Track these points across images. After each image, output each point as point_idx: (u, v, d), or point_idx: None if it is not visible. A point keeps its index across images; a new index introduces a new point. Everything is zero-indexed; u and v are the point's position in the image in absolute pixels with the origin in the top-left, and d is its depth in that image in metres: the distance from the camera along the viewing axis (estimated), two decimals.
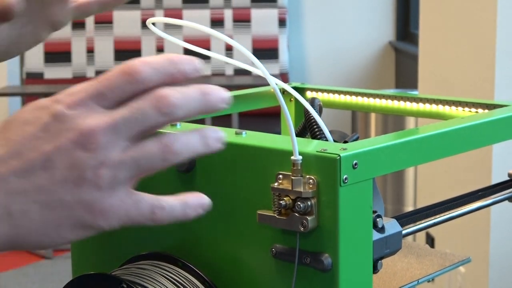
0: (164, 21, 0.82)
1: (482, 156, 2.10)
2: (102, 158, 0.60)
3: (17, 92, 4.68)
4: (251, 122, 3.85)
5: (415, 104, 1.10)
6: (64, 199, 0.60)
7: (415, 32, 4.85)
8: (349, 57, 5.28)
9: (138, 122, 0.61)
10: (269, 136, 0.81)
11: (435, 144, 0.85)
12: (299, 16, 5.33)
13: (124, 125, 0.61)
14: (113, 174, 0.60)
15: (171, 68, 0.63)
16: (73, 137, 0.60)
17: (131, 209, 0.62)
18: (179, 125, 0.87)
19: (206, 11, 5.15)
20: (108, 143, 0.60)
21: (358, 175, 0.74)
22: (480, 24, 2.17)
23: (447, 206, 0.94)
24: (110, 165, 0.60)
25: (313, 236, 0.74)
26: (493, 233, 2.12)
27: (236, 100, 1.14)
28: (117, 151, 0.61)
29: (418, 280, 0.92)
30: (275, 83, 0.77)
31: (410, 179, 3.47)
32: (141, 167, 0.61)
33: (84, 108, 0.61)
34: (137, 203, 0.62)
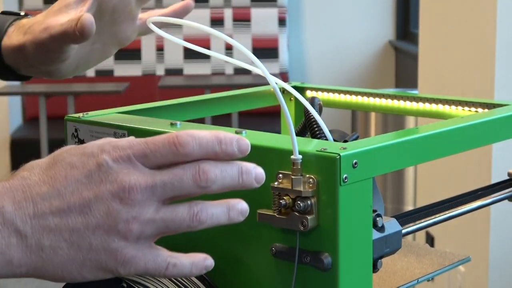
0: (165, 20, 0.82)
1: (482, 155, 2.10)
2: (135, 213, 0.65)
3: (17, 91, 4.68)
4: (251, 121, 3.85)
5: (415, 103, 1.10)
6: (92, 243, 0.65)
7: (415, 32, 4.85)
8: (349, 56, 5.28)
9: (174, 188, 0.66)
10: (269, 136, 0.81)
11: (435, 144, 0.85)
12: (299, 16, 5.33)
13: (161, 188, 0.66)
14: (142, 229, 0.66)
15: (216, 148, 0.68)
16: (113, 189, 0.65)
17: (149, 262, 0.67)
18: (180, 124, 0.87)
19: (206, 11, 5.15)
20: (143, 201, 0.65)
21: (358, 174, 0.74)
22: (480, 24, 2.17)
23: (446, 206, 0.94)
24: (141, 221, 0.66)
25: (313, 235, 0.74)
26: (493, 232, 2.12)
27: (236, 99, 1.15)
28: (150, 209, 0.66)
29: (418, 279, 0.92)
30: (275, 82, 0.77)
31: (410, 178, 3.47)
32: (168, 227, 0.67)
33: (128, 164, 0.66)
34: (155, 258, 0.67)
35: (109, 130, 0.89)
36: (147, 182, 0.66)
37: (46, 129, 4.19)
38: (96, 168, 0.66)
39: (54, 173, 0.66)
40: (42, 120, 4.20)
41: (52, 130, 4.26)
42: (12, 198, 0.66)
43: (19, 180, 0.67)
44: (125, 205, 0.65)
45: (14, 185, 0.66)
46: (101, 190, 0.65)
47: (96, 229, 0.65)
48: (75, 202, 0.65)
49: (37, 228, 0.65)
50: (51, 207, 0.65)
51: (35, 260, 0.65)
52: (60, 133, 1.07)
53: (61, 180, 0.66)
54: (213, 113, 1.12)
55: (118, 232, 0.65)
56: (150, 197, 0.66)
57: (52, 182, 0.66)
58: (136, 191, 0.65)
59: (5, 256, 0.65)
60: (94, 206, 0.65)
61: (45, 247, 0.65)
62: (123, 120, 0.91)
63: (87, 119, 0.92)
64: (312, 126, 0.88)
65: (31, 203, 0.65)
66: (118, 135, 0.89)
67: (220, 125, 0.88)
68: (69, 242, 0.65)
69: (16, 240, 0.65)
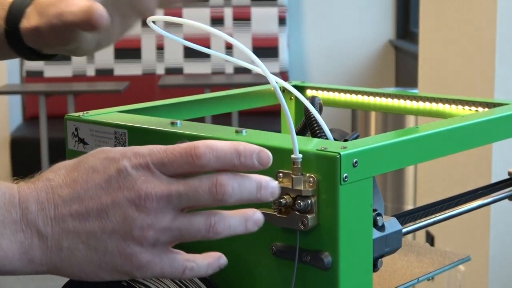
0: (165, 19, 0.82)
1: (482, 154, 2.10)
2: (150, 221, 0.67)
3: (17, 90, 4.68)
4: (251, 120, 3.85)
5: (415, 102, 1.10)
6: (108, 246, 0.67)
7: (415, 31, 4.85)
8: (349, 55, 5.28)
9: (190, 199, 0.68)
10: (269, 135, 0.81)
11: (435, 143, 0.85)
12: (299, 15, 5.33)
13: (177, 198, 0.67)
14: (157, 236, 0.67)
15: (235, 160, 0.68)
16: (130, 196, 0.67)
17: (166, 267, 0.68)
18: (179, 123, 0.87)
19: (206, 10, 5.15)
20: (159, 209, 0.67)
21: (358, 174, 0.74)
22: (480, 23, 2.17)
23: (447, 205, 0.94)
24: (156, 229, 0.67)
25: (313, 234, 0.74)
26: (493, 231, 2.12)
27: (236, 98, 1.15)
28: (165, 218, 0.67)
29: (418, 278, 0.92)
30: (275, 81, 0.77)
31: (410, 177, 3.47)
32: (183, 236, 0.68)
33: (147, 172, 0.67)
34: (172, 262, 0.69)
35: (109, 129, 0.89)
36: (162, 191, 0.67)
37: (46, 128, 4.19)
38: (115, 174, 0.68)
39: (77, 176, 0.68)
40: (42, 119, 4.20)
41: (52, 129, 4.26)
42: (36, 199, 0.68)
43: (44, 182, 0.69)
44: (140, 212, 0.67)
45: (39, 186, 0.68)
46: (118, 196, 0.67)
47: (112, 233, 0.67)
48: (93, 207, 0.67)
49: (57, 230, 0.67)
50: (71, 210, 0.67)
51: (54, 259, 0.68)
52: (60, 132, 1.07)
53: (82, 183, 0.68)
54: (213, 112, 1.12)
55: (133, 238, 0.67)
56: (165, 206, 0.67)
57: (74, 185, 0.68)
58: (151, 199, 0.67)
59: (27, 255, 0.67)
60: (111, 212, 0.67)
61: (63, 248, 0.67)
62: (123, 119, 0.91)
63: (87, 118, 0.92)
64: (313, 125, 0.88)
65: (53, 205, 0.68)
66: (118, 134, 0.89)
67: (220, 124, 0.88)
68: (86, 244, 0.67)
69: (38, 241, 0.67)
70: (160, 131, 0.86)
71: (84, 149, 0.92)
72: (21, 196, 0.68)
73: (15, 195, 0.68)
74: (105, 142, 0.90)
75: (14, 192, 0.68)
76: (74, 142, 0.93)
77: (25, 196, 0.68)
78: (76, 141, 0.92)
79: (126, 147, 0.71)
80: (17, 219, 0.67)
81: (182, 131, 0.84)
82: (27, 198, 0.68)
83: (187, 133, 0.83)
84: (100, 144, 0.90)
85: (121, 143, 0.88)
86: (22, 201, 0.68)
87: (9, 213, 0.67)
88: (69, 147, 0.93)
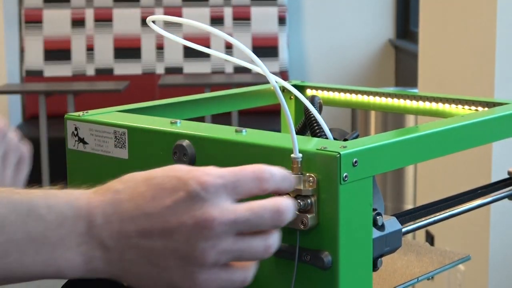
0: (164, 19, 0.82)
1: (482, 154, 2.10)
2: (213, 243, 0.68)
3: (16, 90, 4.68)
4: (251, 120, 3.85)
5: (415, 102, 1.10)
6: (169, 264, 0.69)
7: (415, 30, 4.84)
8: (349, 55, 5.28)
9: (253, 225, 0.69)
10: (269, 134, 0.81)
11: (435, 142, 0.85)
12: (299, 14, 5.33)
13: (242, 224, 0.69)
14: (217, 258, 0.69)
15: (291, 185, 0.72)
16: (197, 219, 0.68)
17: (224, 283, 0.70)
18: (179, 123, 0.87)
19: (206, 9, 5.15)
20: (222, 234, 0.68)
21: (358, 173, 0.74)
22: (480, 22, 2.17)
23: (446, 204, 0.94)
24: (218, 251, 0.68)
25: (313, 234, 0.74)
26: (493, 231, 2.12)
27: (236, 98, 1.15)
28: (227, 241, 0.68)
29: (417, 278, 0.92)
30: (275, 81, 0.77)
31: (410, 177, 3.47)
32: (242, 257, 0.70)
33: (216, 195, 0.68)
34: (230, 277, 0.70)
35: (109, 128, 0.89)
36: (228, 217, 0.68)
37: (46, 127, 4.19)
38: (184, 196, 0.68)
39: (144, 191, 0.69)
40: (42, 119, 4.19)
41: (52, 128, 4.26)
42: (103, 212, 0.69)
43: (113, 194, 0.70)
44: (204, 235, 0.68)
45: (107, 198, 0.69)
46: (184, 219, 0.68)
47: (174, 252, 0.68)
48: (158, 226, 0.68)
49: (121, 244, 0.69)
50: (136, 227, 0.68)
51: (115, 270, 0.70)
52: (60, 132, 1.07)
53: (149, 200, 0.69)
54: (213, 111, 1.12)
55: (195, 258, 0.68)
56: (229, 230, 0.68)
57: (141, 201, 0.69)
58: (217, 224, 0.68)
59: (90, 265, 0.69)
60: (176, 232, 0.68)
61: (125, 260, 0.69)
62: (123, 119, 0.91)
63: (87, 118, 0.92)
64: (312, 125, 0.88)
65: (119, 220, 0.69)
66: (118, 134, 0.89)
67: (220, 123, 0.88)
68: (147, 259, 0.69)
69: (101, 253, 0.69)
70: (160, 130, 0.86)
71: (84, 148, 0.92)
72: (89, 207, 0.69)
73: (82, 207, 0.69)
74: (105, 141, 0.90)
75: (82, 204, 0.69)
76: (74, 142, 0.93)
77: (93, 208, 0.69)
78: (76, 141, 0.92)
79: (195, 167, 0.71)
80: (82, 232, 0.68)
81: (182, 130, 0.84)
82: (95, 211, 0.69)
83: (187, 132, 0.83)
84: (100, 143, 0.90)
85: (121, 142, 0.88)
86: (89, 213, 0.69)
87: (75, 226, 0.68)
88: (69, 146, 0.93)
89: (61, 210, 0.68)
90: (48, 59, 5.10)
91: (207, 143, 0.82)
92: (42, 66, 5.11)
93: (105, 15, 5.15)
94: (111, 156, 0.89)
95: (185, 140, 0.83)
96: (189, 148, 0.82)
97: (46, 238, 0.68)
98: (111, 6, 5.16)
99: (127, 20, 5.15)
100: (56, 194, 0.70)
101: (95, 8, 5.15)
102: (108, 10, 5.15)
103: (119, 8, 5.15)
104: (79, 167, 0.93)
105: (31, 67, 5.11)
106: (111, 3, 5.16)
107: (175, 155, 0.83)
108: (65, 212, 0.68)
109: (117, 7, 5.16)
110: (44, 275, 0.68)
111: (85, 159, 0.91)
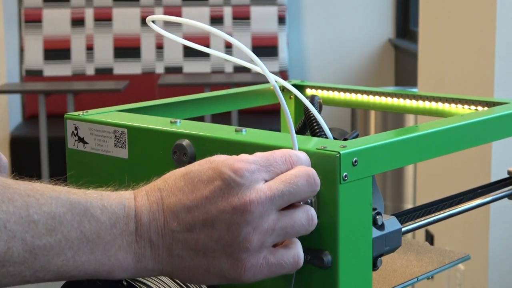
0: (164, 18, 0.82)
1: (482, 153, 2.10)
2: (255, 225, 0.69)
3: (16, 89, 4.67)
4: (250, 119, 3.85)
5: (414, 101, 1.10)
6: (216, 254, 0.70)
7: (414, 30, 4.84)
8: (348, 54, 5.28)
9: (291, 196, 0.70)
10: (269, 134, 0.81)
11: (435, 142, 0.85)
12: (298, 14, 5.33)
13: (280, 198, 0.70)
14: (262, 239, 0.69)
15: None
16: (235, 204, 0.69)
17: (274, 267, 0.71)
18: (179, 122, 0.87)
19: (206, 9, 5.15)
20: (263, 213, 0.69)
21: (358, 173, 0.74)
22: (480, 22, 2.17)
23: (446, 204, 0.94)
24: (261, 232, 0.69)
25: (313, 233, 0.74)
26: (493, 230, 2.12)
27: (235, 97, 1.15)
28: (269, 220, 0.69)
29: (417, 277, 0.92)
30: (274, 80, 0.77)
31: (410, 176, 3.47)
32: (288, 234, 0.71)
33: (250, 179, 0.69)
34: (280, 260, 0.71)
35: (109, 128, 0.89)
36: (266, 194, 0.69)
37: (45, 127, 4.19)
38: (222, 185, 0.69)
39: (183, 186, 0.71)
40: (41, 118, 4.19)
41: (52, 128, 4.26)
42: (149, 210, 0.71)
43: (156, 192, 0.71)
44: (245, 218, 0.69)
45: (152, 197, 0.71)
46: (223, 205, 0.69)
47: (219, 240, 0.69)
48: (199, 217, 0.70)
49: (167, 240, 0.70)
50: (179, 221, 0.70)
51: (166, 266, 0.71)
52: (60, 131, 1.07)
53: (188, 193, 0.70)
54: (213, 111, 1.12)
55: (239, 243, 0.69)
56: (268, 208, 0.69)
57: (181, 195, 0.70)
58: (256, 205, 0.69)
59: (141, 264, 0.71)
60: (217, 220, 0.69)
61: (174, 255, 0.70)
62: (122, 118, 0.91)
63: (86, 117, 0.92)
64: (312, 124, 0.88)
65: (163, 217, 0.70)
66: (118, 133, 0.89)
67: (220, 123, 0.88)
68: (195, 250, 0.70)
69: (150, 250, 0.70)
70: (160, 130, 0.86)
71: (84, 148, 0.92)
72: (137, 207, 0.71)
73: (132, 207, 0.71)
74: (104, 141, 0.90)
75: (132, 204, 0.71)
76: (74, 141, 0.93)
77: (140, 207, 0.71)
78: (76, 140, 0.92)
79: (230, 156, 0.72)
80: (132, 231, 0.70)
81: (181, 130, 0.84)
82: (142, 210, 0.71)
83: (187, 132, 0.83)
84: (100, 143, 0.90)
85: (121, 142, 0.88)
86: (137, 213, 0.70)
87: (127, 225, 0.70)
88: (68, 146, 0.93)
89: (114, 210, 0.70)
90: (47, 58, 5.10)
91: (207, 143, 0.82)
92: (41, 66, 5.11)
93: (105, 14, 5.15)
94: (111, 155, 0.89)
95: (185, 140, 0.83)
96: (189, 147, 0.82)
97: (100, 238, 0.69)
98: (111, 5, 5.16)
99: (126, 20, 5.15)
100: (109, 195, 0.71)
101: (95, 8, 5.15)
102: (107, 10, 5.15)
103: (118, 7, 5.15)
104: (79, 167, 0.93)
105: (30, 66, 5.11)
106: (110, 3, 5.16)
107: (175, 155, 0.83)
108: (117, 213, 0.70)
109: (116, 7, 5.16)
110: (96, 274, 0.70)
111: (85, 159, 0.91)
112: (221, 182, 0.70)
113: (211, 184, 0.70)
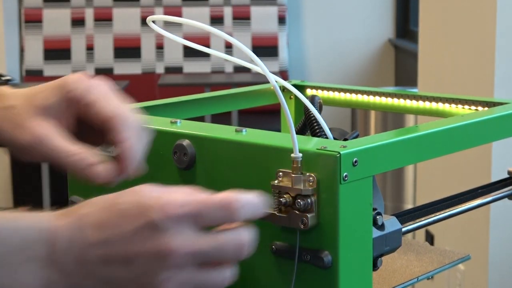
0: (165, 19, 0.82)
1: (482, 153, 2.10)
2: (172, 274, 0.67)
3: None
4: (250, 119, 3.85)
5: (414, 101, 1.10)
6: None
7: (414, 30, 4.84)
8: (348, 54, 5.28)
9: (214, 257, 0.68)
10: (269, 134, 0.81)
11: (435, 142, 0.85)
12: (298, 14, 5.33)
13: (202, 256, 0.68)
14: None
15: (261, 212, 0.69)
16: (155, 249, 0.67)
17: None
18: (179, 122, 0.87)
19: (206, 9, 5.15)
20: (181, 265, 0.67)
21: (358, 173, 0.74)
22: (480, 22, 2.17)
23: (446, 204, 0.94)
24: (177, 282, 0.68)
25: (313, 233, 0.74)
26: (493, 230, 2.12)
27: (235, 97, 1.15)
28: (187, 272, 0.68)
29: (417, 277, 0.92)
30: (275, 80, 0.77)
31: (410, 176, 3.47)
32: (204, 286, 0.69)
33: (178, 225, 0.67)
34: None
35: None
36: (189, 248, 0.67)
37: None
38: (144, 225, 0.67)
39: (107, 218, 0.68)
40: None
41: None
42: (66, 236, 0.68)
43: (78, 217, 0.69)
44: (163, 265, 0.67)
45: (71, 223, 0.69)
46: (144, 248, 0.67)
47: (134, 281, 0.68)
48: (118, 254, 0.68)
49: (82, 270, 0.68)
50: (97, 254, 0.68)
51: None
52: None
53: (112, 227, 0.68)
54: (213, 111, 1.12)
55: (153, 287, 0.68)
56: (188, 261, 0.67)
57: (104, 227, 0.68)
58: (176, 255, 0.67)
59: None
60: (136, 261, 0.67)
61: (84, 286, 0.69)
62: None
63: None
64: (312, 124, 0.88)
65: (81, 246, 0.68)
66: None
67: (220, 123, 0.88)
68: (108, 286, 0.68)
69: (60, 277, 0.68)
70: (160, 130, 0.86)
71: None
72: (52, 231, 0.69)
73: (44, 230, 0.69)
74: None
75: (45, 227, 0.69)
76: None
77: (56, 232, 0.69)
78: None
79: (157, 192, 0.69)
80: (43, 256, 0.68)
81: (182, 130, 0.84)
82: (57, 235, 0.68)
83: (187, 132, 0.83)
84: None
85: None
86: (51, 237, 0.68)
87: (36, 250, 0.68)
88: None
89: (25, 233, 0.68)
90: (48, 58, 5.11)
91: (207, 143, 0.82)
92: (42, 66, 5.11)
93: (105, 14, 5.15)
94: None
95: (185, 140, 0.83)
96: (189, 147, 0.83)
97: (7, 261, 0.67)
98: (111, 5, 5.16)
99: (127, 20, 5.15)
100: (23, 217, 0.69)
101: (95, 8, 5.15)
102: (108, 10, 5.15)
103: (119, 7, 5.15)
104: None
105: (31, 66, 5.11)
106: (111, 3, 5.16)
107: (175, 155, 0.84)
108: (29, 235, 0.68)
109: (117, 7, 5.16)
110: None
111: None
112: (146, 223, 0.67)
113: (136, 221, 0.67)
